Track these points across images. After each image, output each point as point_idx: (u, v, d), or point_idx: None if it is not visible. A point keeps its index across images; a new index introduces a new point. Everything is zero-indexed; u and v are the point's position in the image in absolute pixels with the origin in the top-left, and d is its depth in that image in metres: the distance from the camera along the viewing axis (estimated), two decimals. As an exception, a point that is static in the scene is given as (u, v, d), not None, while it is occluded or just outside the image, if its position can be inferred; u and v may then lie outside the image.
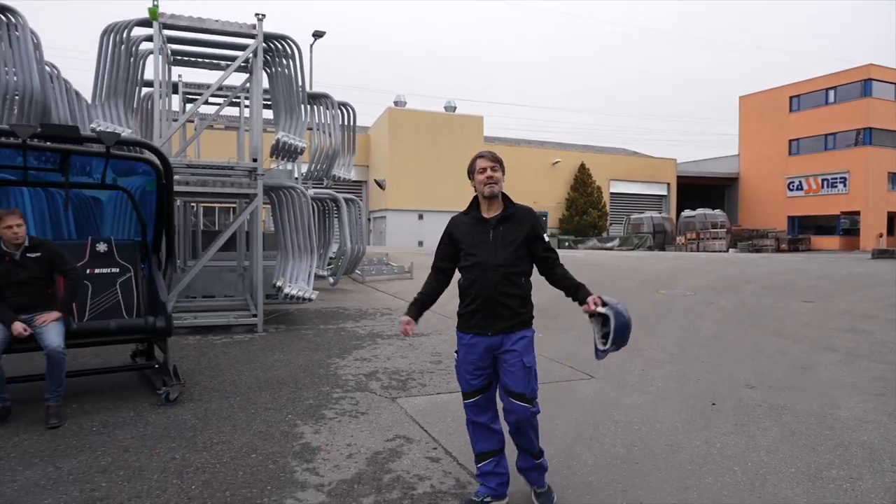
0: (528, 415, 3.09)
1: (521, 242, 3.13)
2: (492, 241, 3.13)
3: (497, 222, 3.17)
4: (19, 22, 7.40)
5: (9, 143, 4.62)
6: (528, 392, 3.07)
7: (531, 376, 3.10)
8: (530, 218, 3.23)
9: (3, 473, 3.54)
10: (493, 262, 3.10)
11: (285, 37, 8.57)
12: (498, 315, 3.09)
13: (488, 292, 3.08)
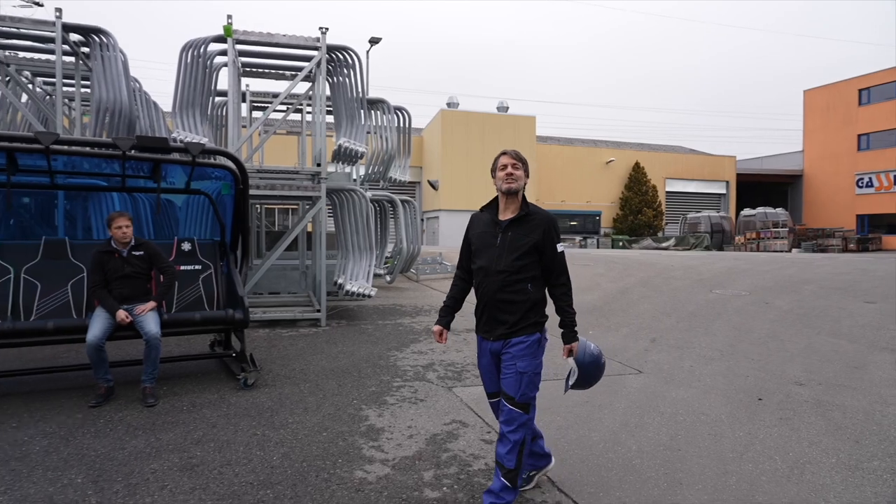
0: (515, 419, 3.01)
1: (529, 248, 3.03)
2: (498, 246, 3.08)
3: (507, 226, 3.10)
4: (110, 42, 8.14)
5: (111, 153, 5.23)
6: (517, 396, 3.01)
7: (523, 381, 3.02)
8: (545, 224, 3.09)
9: (114, 442, 4.09)
10: (494, 268, 3.06)
11: (346, 48, 9.07)
12: (498, 320, 3.07)
13: (489, 297, 3.08)
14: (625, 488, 3.51)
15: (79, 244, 5.78)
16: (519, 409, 3.01)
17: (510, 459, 3.00)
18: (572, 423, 4.63)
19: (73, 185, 6.34)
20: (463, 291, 3.36)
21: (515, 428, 3.01)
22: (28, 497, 3.27)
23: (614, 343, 7.62)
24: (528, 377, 3.04)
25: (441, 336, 3.29)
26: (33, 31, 7.94)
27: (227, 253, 6.27)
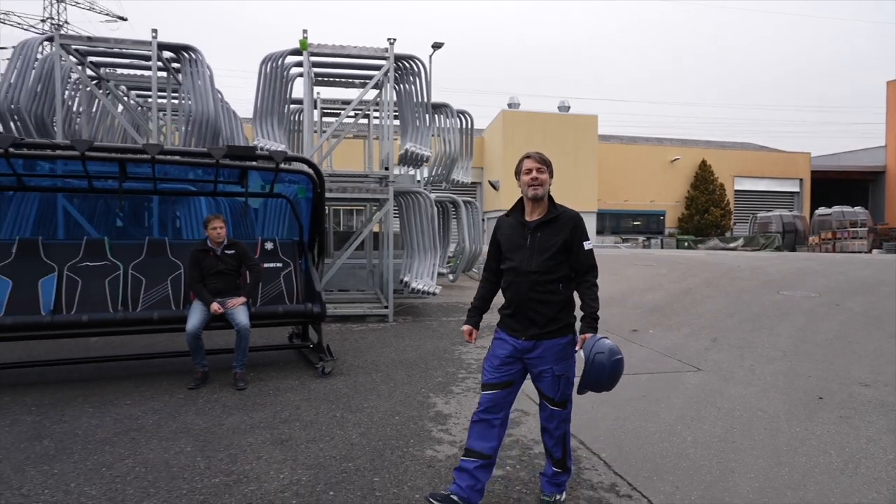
0: (557, 417, 3.17)
1: (559, 248, 3.07)
2: (528, 247, 3.11)
3: (536, 227, 3.13)
4: (198, 58, 8.87)
5: (205, 162, 5.82)
6: (557, 397, 3.13)
7: (561, 383, 3.12)
8: (572, 223, 3.13)
9: (213, 419, 4.62)
10: (526, 269, 3.08)
11: (413, 57, 9.50)
12: (531, 321, 3.09)
13: (521, 298, 3.09)
14: (678, 474, 3.73)
15: (176, 243, 6.42)
16: (559, 407, 3.15)
17: (558, 450, 3.20)
18: (629, 415, 4.85)
19: (170, 190, 7.00)
20: (491, 293, 3.40)
21: (558, 424, 3.17)
22: (149, 461, 3.81)
23: (674, 342, 7.71)
24: (566, 378, 3.13)
25: (471, 335, 3.34)
26: (133, 50, 8.75)
27: (304, 251, 6.79)
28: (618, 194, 42.16)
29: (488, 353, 3.27)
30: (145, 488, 3.43)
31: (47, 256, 5.82)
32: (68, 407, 4.86)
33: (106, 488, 3.42)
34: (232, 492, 3.40)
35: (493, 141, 39.85)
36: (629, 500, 3.39)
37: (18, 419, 4.56)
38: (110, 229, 8.36)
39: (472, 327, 3.36)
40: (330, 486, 3.50)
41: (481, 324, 3.43)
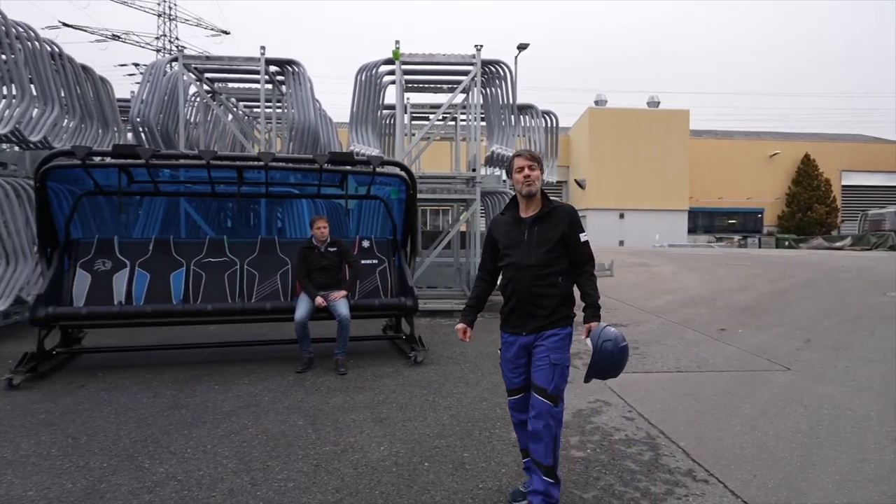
0: (547, 414, 3.01)
1: (557, 242, 3.10)
2: (526, 241, 3.14)
3: (532, 222, 3.16)
4: (301, 71, 9.62)
5: (310, 167, 6.42)
6: (550, 388, 3.02)
7: (556, 374, 3.04)
8: (568, 217, 3.16)
9: (320, 398, 5.16)
10: (526, 263, 3.11)
11: (499, 62, 9.83)
12: (532, 315, 3.11)
13: (522, 293, 3.11)
14: (756, 464, 3.86)
15: (284, 241, 7.09)
16: (550, 401, 3.02)
17: (547, 457, 3.03)
18: (711, 409, 4.96)
19: (280, 193, 7.71)
20: (486, 292, 3.44)
21: (547, 422, 3.03)
22: (268, 431, 4.37)
23: (764, 342, 7.61)
24: (561, 369, 3.07)
25: (465, 334, 3.34)
26: (243, 66, 9.62)
27: (398, 249, 7.29)
28: (711, 192, 40.55)
29: (501, 359, 3.30)
30: (268, 452, 3.98)
31: (177, 253, 6.63)
32: (198, 384, 5.57)
33: (236, 450, 4.00)
34: (340, 459, 3.88)
35: (579, 139, 39.43)
36: (705, 484, 3.56)
37: (160, 392, 5.30)
38: (222, 229, 9.27)
39: (467, 326, 3.36)
40: (424, 458, 3.91)
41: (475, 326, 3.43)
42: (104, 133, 9.58)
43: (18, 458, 3.87)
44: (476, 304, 3.45)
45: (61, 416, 4.69)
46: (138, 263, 6.44)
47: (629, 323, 8.95)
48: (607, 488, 3.48)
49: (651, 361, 6.59)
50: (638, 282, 14.25)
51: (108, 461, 3.82)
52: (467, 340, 3.37)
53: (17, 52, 7.46)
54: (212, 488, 3.45)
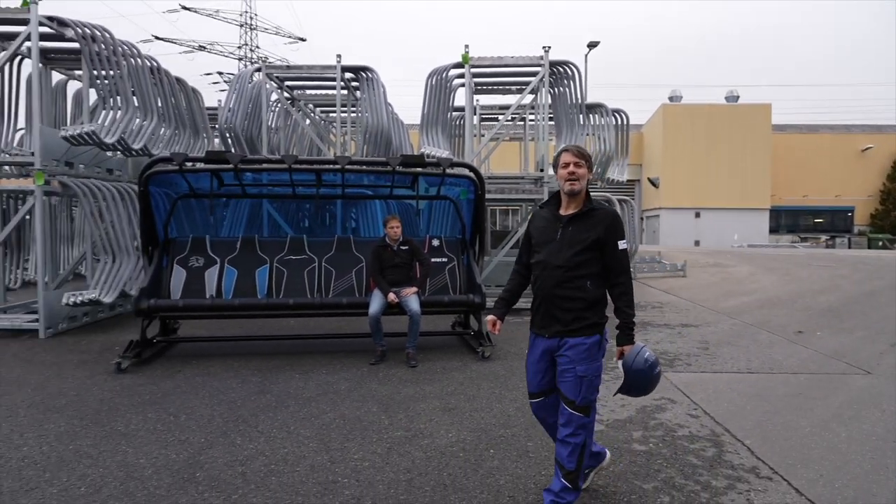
0: (575, 422, 2.95)
1: (589, 244, 2.94)
2: (558, 240, 3.00)
3: (568, 220, 3.01)
4: (374, 77, 10.03)
5: (383, 170, 6.75)
6: (578, 400, 2.93)
7: (583, 385, 2.94)
8: (608, 220, 2.98)
9: (392, 388, 5.47)
10: (553, 263, 2.98)
11: (567, 62, 9.90)
12: (554, 317, 2.98)
13: (546, 292, 3.00)
14: (824, 464, 3.83)
15: (358, 240, 7.47)
16: (580, 412, 2.93)
17: (571, 461, 2.95)
18: (780, 409, 4.91)
19: (355, 194, 8.11)
20: (520, 286, 3.33)
21: (575, 430, 2.95)
22: (345, 415, 4.70)
23: (844, 345, 7.35)
24: (589, 381, 2.95)
25: (495, 326, 3.25)
26: (321, 73, 10.13)
27: (467, 248, 7.52)
28: (795, 189, 38.61)
29: (527, 358, 3.20)
30: (345, 434, 4.30)
31: (261, 251, 7.12)
32: (280, 372, 6.00)
33: (316, 432, 4.34)
34: (411, 443, 4.15)
35: (652, 137, 38.48)
36: (769, 481, 3.59)
37: (247, 379, 5.76)
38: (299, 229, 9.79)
39: (497, 318, 3.28)
40: (490, 445, 4.12)
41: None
42: (195, 140, 10.32)
43: (130, 430, 4.37)
44: (508, 296, 3.35)
45: (163, 396, 5.20)
46: (227, 260, 6.97)
47: (700, 323, 8.83)
48: (668, 480, 3.58)
49: (720, 362, 6.53)
50: (712, 282, 13.90)
51: (204, 437, 4.25)
52: (496, 332, 3.26)
53: (123, 67, 8.20)
54: (296, 464, 3.79)
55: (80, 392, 5.34)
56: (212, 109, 12.93)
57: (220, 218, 8.82)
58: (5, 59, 8.03)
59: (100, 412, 4.78)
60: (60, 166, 7.99)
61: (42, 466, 3.75)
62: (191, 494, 3.37)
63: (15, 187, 7.85)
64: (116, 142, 7.94)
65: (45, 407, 4.91)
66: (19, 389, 5.42)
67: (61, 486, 3.47)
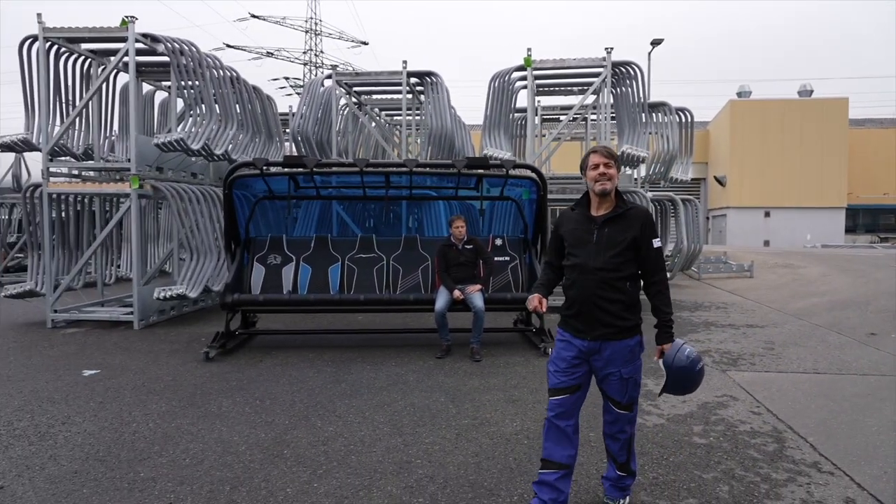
0: (623, 419, 3.06)
1: (628, 245, 2.92)
2: (595, 243, 2.95)
3: (604, 222, 2.97)
4: (438, 81, 10.36)
5: (449, 172, 7.04)
6: (623, 400, 3.02)
7: (629, 387, 3.01)
8: (641, 219, 2.98)
9: (458, 380, 5.75)
10: (592, 266, 2.92)
11: (630, 62, 9.93)
12: (597, 320, 2.93)
13: (586, 296, 2.94)
14: (890, 462, 3.85)
15: (424, 239, 7.80)
16: (625, 410, 3.03)
17: (622, 454, 3.12)
18: (847, 409, 4.90)
19: (421, 195, 8.44)
20: (554, 281, 3.23)
21: (623, 427, 3.08)
22: (415, 404, 5.01)
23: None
24: (633, 381, 3.02)
25: (540, 303, 3.08)
26: (387, 79, 10.55)
27: (529, 247, 7.73)
28: (876, 187, 36.63)
29: (552, 355, 3.12)
30: (416, 421, 4.60)
31: (334, 250, 7.55)
32: (353, 364, 6.38)
33: (389, 418, 4.66)
34: (478, 430, 4.41)
35: (719, 134, 37.35)
36: (830, 476, 3.65)
37: (322, 369, 6.17)
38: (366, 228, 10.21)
39: (541, 296, 3.12)
40: (553, 434, 4.33)
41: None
42: (269, 144, 10.92)
43: (222, 412, 4.82)
44: (547, 282, 3.22)
45: (248, 383, 5.66)
46: (302, 258, 7.43)
47: (766, 324, 8.70)
48: (728, 471, 3.70)
49: (786, 362, 6.49)
50: (780, 283, 13.54)
51: (288, 419, 4.64)
52: (543, 310, 3.11)
53: (206, 78, 8.82)
54: (372, 445, 4.12)
55: (176, 377, 5.87)
56: (283, 115, 13.61)
57: (292, 218, 9.35)
58: (107, 74, 8.79)
59: (194, 395, 5.27)
60: (152, 171, 8.69)
61: (150, 440, 4.22)
62: (281, 469, 3.74)
63: (113, 191, 8.57)
64: (201, 148, 8.56)
65: (147, 390, 5.45)
66: (122, 374, 6.00)
67: (169, 458, 3.91)
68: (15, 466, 3.78)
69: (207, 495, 3.38)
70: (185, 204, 8.50)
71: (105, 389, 5.46)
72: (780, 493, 3.40)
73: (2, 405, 5.01)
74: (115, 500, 3.33)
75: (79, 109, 8.78)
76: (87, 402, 5.07)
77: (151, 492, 3.43)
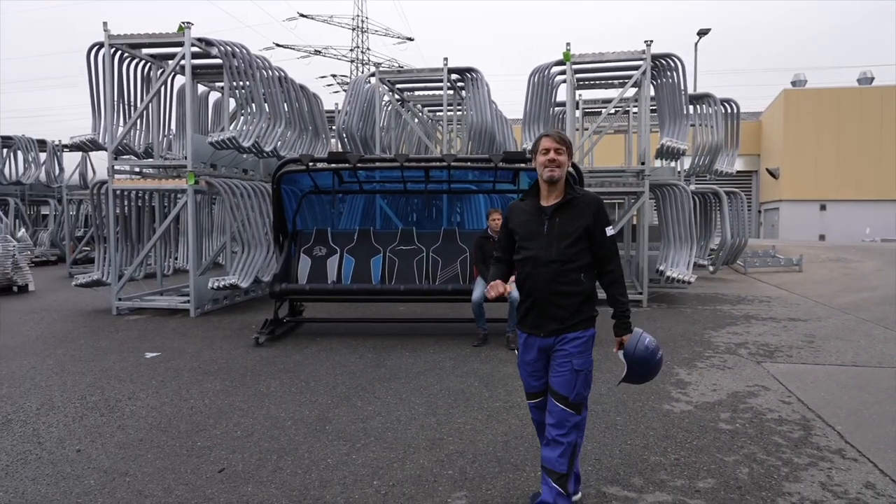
0: (568, 421, 2.79)
1: (580, 234, 2.79)
2: (546, 234, 2.82)
3: (553, 212, 2.85)
4: (478, 77, 10.55)
5: (486, 166, 7.25)
6: (571, 396, 2.79)
7: (579, 381, 2.80)
8: (593, 206, 2.84)
9: (492, 367, 5.97)
10: (545, 258, 2.80)
11: (670, 55, 9.90)
12: (551, 315, 2.82)
13: (541, 290, 2.82)
14: (917, 451, 3.89)
15: (463, 232, 8.03)
16: (572, 409, 2.80)
17: (562, 463, 2.78)
18: (881, 400, 4.89)
19: (460, 189, 8.68)
20: (506, 275, 3.07)
21: (567, 431, 2.79)
22: (450, 388, 5.26)
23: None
24: (584, 375, 2.83)
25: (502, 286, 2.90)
26: (429, 76, 10.80)
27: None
28: (946, 178, 34.85)
29: (519, 358, 3.08)
30: (450, 403, 4.86)
31: (376, 242, 7.86)
32: (392, 350, 6.68)
33: (424, 400, 4.93)
34: (509, 412, 4.63)
35: (772, 125, 36.22)
36: (854, 462, 3.72)
37: (363, 355, 6.49)
38: (408, 221, 10.52)
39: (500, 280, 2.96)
40: (581, 418, 4.51)
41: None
42: (315, 141, 11.34)
43: (271, 392, 5.18)
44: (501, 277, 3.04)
45: (294, 366, 6.02)
46: (346, 250, 7.77)
47: (809, 318, 8.59)
48: (750, 455, 3.81)
49: (824, 354, 6.45)
50: (829, 278, 13.20)
51: (331, 399, 4.96)
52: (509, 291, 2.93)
53: (257, 79, 9.27)
54: (408, 424, 4.39)
55: (228, 360, 6.29)
56: (329, 112, 14.05)
57: (337, 212, 9.74)
58: (166, 77, 9.34)
59: (245, 376, 5.66)
60: (206, 168, 9.19)
61: (206, 415, 4.60)
62: (323, 442, 4.05)
63: (171, 187, 9.11)
64: (251, 145, 9.01)
65: (203, 371, 5.88)
66: (180, 356, 6.46)
67: (222, 430, 4.28)
68: (89, 434, 4.22)
69: (256, 463, 3.71)
70: (237, 199, 8.96)
71: (165, 370, 5.91)
72: (800, 477, 3.51)
73: (76, 382, 5.51)
74: (176, 464, 3.70)
75: (140, 111, 9.35)
76: (149, 381, 5.53)
77: (207, 458, 3.79)
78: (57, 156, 18.78)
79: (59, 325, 8.28)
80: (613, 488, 3.40)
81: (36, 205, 20.39)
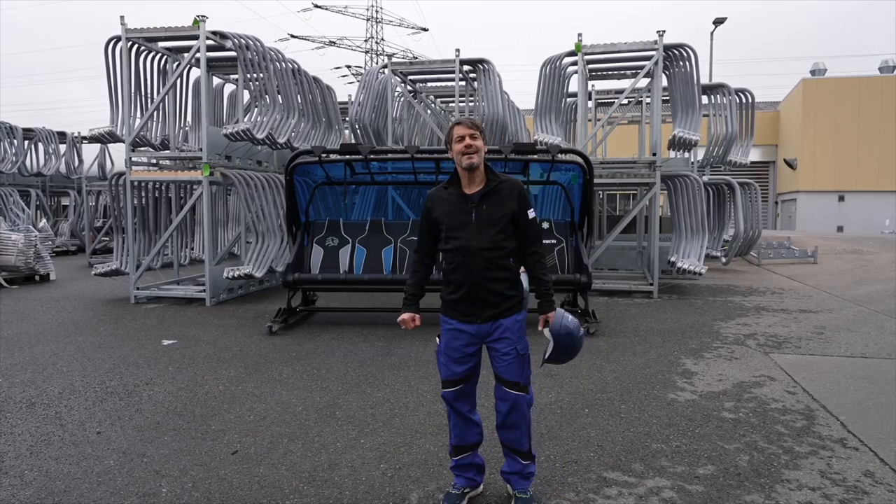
0: (523, 403, 2.95)
1: (508, 221, 2.86)
2: (475, 222, 2.85)
3: (480, 199, 2.87)
4: (490, 68, 10.57)
5: (496, 157, 7.29)
6: (522, 380, 2.94)
7: (525, 363, 2.95)
8: (516, 192, 2.89)
9: (501, 355, 6.05)
10: (476, 246, 2.84)
11: (683, 45, 9.85)
12: (486, 302, 2.88)
13: (474, 279, 2.85)
14: (919, 441, 3.92)
15: (473, 223, 8.09)
16: (522, 391, 2.94)
17: (524, 442, 3.00)
18: (887, 391, 4.92)
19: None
20: (425, 277, 3.14)
21: (522, 412, 2.97)
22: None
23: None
24: (527, 357, 2.98)
25: (414, 321, 3.07)
26: (441, 67, 10.84)
27: (575, 230, 7.91)
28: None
29: (441, 346, 3.06)
30: (457, 390, 4.95)
31: (387, 232, 7.96)
32: (402, 340, 6.79)
33: (432, 387, 5.03)
34: (515, 400, 4.71)
35: (790, 114, 35.73)
36: (855, 451, 3.76)
37: (374, 344, 6.61)
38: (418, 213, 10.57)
39: (413, 313, 3.09)
40: (585, 406, 4.59)
41: None
42: (329, 133, 11.45)
43: (283, 378, 5.32)
44: (418, 291, 3.14)
45: (307, 354, 6.16)
46: (358, 240, 7.88)
47: (820, 310, 8.57)
48: (751, 443, 3.87)
49: (833, 346, 6.46)
50: (845, 270, 13.10)
51: (341, 386, 5.08)
52: (417, 326, 3.10)
53: (270, 71, 9.38)
54: (415, 410, 4.50)
55: (242, 348, 6.44)
56: (343, 103, 14.14)
57: (350, 203, 9.84)
58: (181, 70, 9.47)
59: (259, 363, 5.80)
60: (221, 159, 9.34)
61: (220, 400, 4.74)
62: (332, 427, 4.17)
63: (187, 178, 9.27)
64: (265, 137, 9.13)
65: (218, 358, 6.03)
66: (196, 344, 6.63)
67: (236, 415, 4.42)
68: (109, 417, 4.38)
69: (268, 446, 3.84)
70: (252, 190, 9.09)
71: (181, 357, 6.08)
72: (800, 465, 3.56)
73: (96, 367, 5.69)
74: (191, 446, 3.84)
75: (157, 103, 9.51)
76: (166, 367, 5.69)
77: (221, 441, 3.92)
78: (76, 148, 19.09)
79: (79, 313, 8.50)
80: (614, 473, 3.48)
81: (56, 196, 20.75)
